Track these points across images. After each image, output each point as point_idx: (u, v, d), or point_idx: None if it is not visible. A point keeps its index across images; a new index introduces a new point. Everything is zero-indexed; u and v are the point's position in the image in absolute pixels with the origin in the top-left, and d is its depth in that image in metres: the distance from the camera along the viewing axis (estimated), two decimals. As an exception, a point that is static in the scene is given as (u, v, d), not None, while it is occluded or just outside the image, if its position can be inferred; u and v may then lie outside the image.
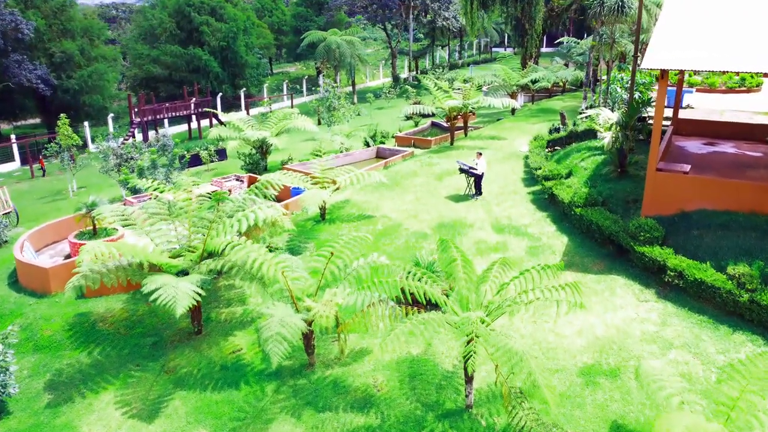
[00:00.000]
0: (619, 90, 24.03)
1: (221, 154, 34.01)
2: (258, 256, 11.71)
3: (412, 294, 10.49)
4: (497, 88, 34.85)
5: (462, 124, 30.91)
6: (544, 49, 50.20)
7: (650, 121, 20.04)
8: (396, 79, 66.28)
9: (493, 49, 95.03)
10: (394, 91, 57.23)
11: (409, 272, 10.83)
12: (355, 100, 58.94)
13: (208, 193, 16.26)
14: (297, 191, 21.99)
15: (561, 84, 43.65)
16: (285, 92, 63.25)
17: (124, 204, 21.86)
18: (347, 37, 57.64)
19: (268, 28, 77.45)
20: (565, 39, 50.75)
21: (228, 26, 56.98)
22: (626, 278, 14.61)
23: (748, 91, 33.23)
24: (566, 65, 49.28)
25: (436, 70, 58.72)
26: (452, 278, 11.55)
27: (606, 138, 17.32)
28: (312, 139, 37.05)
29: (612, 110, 22.82)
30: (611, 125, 18.08)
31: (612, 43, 23.19)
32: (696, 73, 36.90)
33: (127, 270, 13.02)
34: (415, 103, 40.77)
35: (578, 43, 49.18)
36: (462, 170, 20.95)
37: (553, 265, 10.78)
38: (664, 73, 14.42)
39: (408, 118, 40.21)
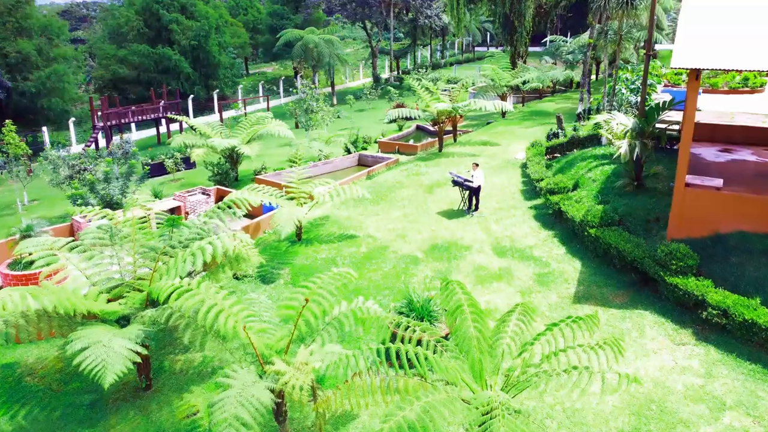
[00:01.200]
0: (624, 91, 22.05)
1: (189, 162, 31.40)
2: (214, 303, 9.35)
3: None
4: (486, 89, 32.76)
5: (451, 128, 28.74)
6: (531, 49, 48.28)
7: (671, 127, 18.02)
8: (377, 79, 64.02)
9: (476, 49, 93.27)
10: (376, 92, 54.96)
11: (405, 327, 8.54)
12: (335, 101, 56.58)
13: (164, 213, 13.77)
14: (270, 208, 19.62)
15: (551, 85, 41.79)
16: (261, 94, 60.63)
17: (72, 224, 19.27)
18: (325, 35, 55.25)
19: (242, 27, 74.65)
20: (553, 37, 48.99)
21: (199, 24, 54.23)
22: (655, 314, 12.50)
23: (752, 91, 31.62)
24: (554, 65, 47.45)
25: (419, 70, 56.57)
26: (453, 318, 9.29)
27: (622, 147, 15.23)
28: (288, 145, 34.60)
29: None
30: (626, 132, 16.00)
31: (619, 40, 21.25)
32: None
33: (53, 320, 10.55)
34: (398, 106, 38.60)
35: (567, 42, 47.45)
36: (456, 183, 18.76)
37: (587, 318, 8.58)
38: (697, 73, 12.34)
39: (392, 121, 38.03)
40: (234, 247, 11.97)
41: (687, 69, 12.25)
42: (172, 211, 21.38)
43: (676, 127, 19.34)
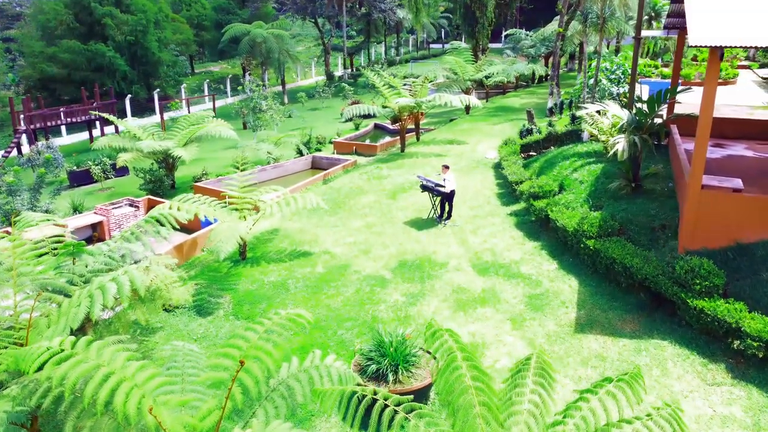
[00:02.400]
0: (605, 82, 20.17)
1: (122, 168, 28.12)
2: (110, 372, 6.65)
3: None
4: (450, 84, 30.58)
5: (413, 126, 26.42)
6: (490, 45, 46.47)
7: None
8: (330, 77, 61.32)
9: (431, 46, 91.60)
10: (329, 90, 52.28)
11: (382, 406, 6.03)
12: (286, 100, 53.62)
13: (57, 238, 10.83)
14: (209, 222, 16.83)
15: (514, 80, 40.04)
16: (206, 93, 57.12)
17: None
18: (274, 30, 52.19)
19: (186, 23, 70.67)
20: (513, 31, 47.33)
21: (136, 18, 50.38)
22: (677, 344, 10.37)
23: (725, 83, 30.59)
24: (516, 59, 45.74)
25: (374, 66, 54.17)
26: (447, 388, 6.84)
27: (619, 144, 13.13)
28: (234, 147, 31.64)
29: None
30: (621, 127, 13.93)
31: (602, 24, 19.34)
32: (666, 64, 33.99)
33: None
34: (353, 103, 36.12)
35: (528, 35, 45.86)
36: (425, 188, 16.39)
37: (629, 378, 6.27)
38: (719, 53, 10.27)
39: (348, 120, 35.53)
40: (151, 282, 9.26)
41: (707, 47, 10.18)
42: (93, 227, 18.33)
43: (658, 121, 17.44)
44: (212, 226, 15.57)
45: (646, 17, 33.96)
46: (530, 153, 21.00)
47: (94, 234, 17.98)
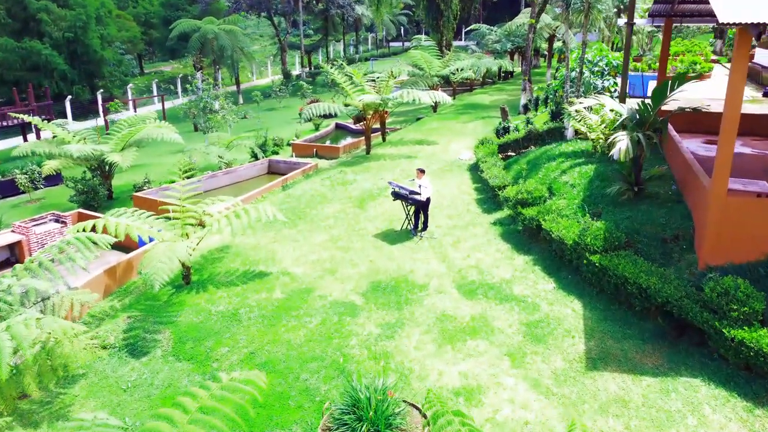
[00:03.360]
0: (587, 75, 18.59)
1: (54, 177, 25.26)
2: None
3: None
4: (415, 81, 28.72)
5: (378, 126, 24.45)
6: (453, 43, 44.86)
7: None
8: (287, 75, 58.78)
9: (391, 44, 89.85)
10: (286, 89, 49.85)
11: None
12: (241, 100, 51.06)
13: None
14: (145, 242, 14.49)
15: (481, 77, 38.52)
16: (155, 94, 53.94)
17: None
18: (227, 26, 49.50)
19: (133, 20, 67.01)
20: (477, 26, 45.85)
21: (74, 13, 46.81)
22: (711, 383, 8.65)
23: (701, 78, 29.58)
24: (482, 55, 44.28)
25: (333, 63, 51.97)
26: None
27: (621, 142, 11.41)
28: (182, 151, 29.12)
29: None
30: (619, 124, 12.24)
31: (587, 9, 17.65)
32: (638, 58, 32.86)
33: None
34: (312, 102, 33.92)
35: (492, 30, 44.48)
36: (397, 196, 14.41)
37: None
38: (755, 33, 8.59)
39: (307, 120, 33.31)
40: (47, 338, 7.01)
41: (738, 25, 8.50)
42: (11, 248, 15.74)
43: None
44: (149, 245, 13.26)
45: (615, 9, 32.89)
46: (508, 153, 19.28)
47: (11, 257, 15.42)
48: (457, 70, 32.02)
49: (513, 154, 19.33)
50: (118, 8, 65.71)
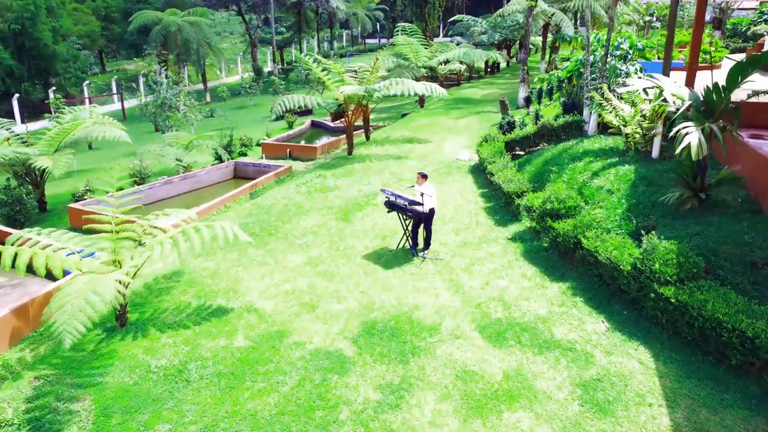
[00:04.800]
0: (610, 59, 15.98)
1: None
2: None
3: None
4: (401, 72, 25.88)
5: (362, 123, 21.60)
6: (435, 40, 42.16)
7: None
8: (258, 72, 55.50)
9: (367, 41, 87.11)
10: (257, 86, 46.64)
11: None
12: (208, 98, 47.75)
13: None
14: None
15: (470, 69, 35.96)
16: (114, 91, 50.29)
17: None
18: (191, 18, 46.13)
19: (91, 14, 63.02)
20: (460, 17, 43.22)
21: (21, 3, 43.01)
22: None
23: (711, 67, 27.43)
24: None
25: (309, 55, 48.87)
26: None
27: (690, 135, 8.73)
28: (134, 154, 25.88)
29: (610, 90, 14.63)
30: (680, 113, 9.55)
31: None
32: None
33: None
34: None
35: (477, 22, 41.93)
36: (393, 206, 11.54)
37: None
38: None
39: (279, 117, 30.36)
40: None
41: None
42: None
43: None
44: (66, 278, 10.20)
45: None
46: (516, 151, 16.56)
47: None
48: (446, 61, 29.26)
49: (521, 153, 16.63)
50: (75, 0, 61.76)
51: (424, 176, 11.32)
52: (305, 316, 9.91)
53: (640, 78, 12.24)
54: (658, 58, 25.97)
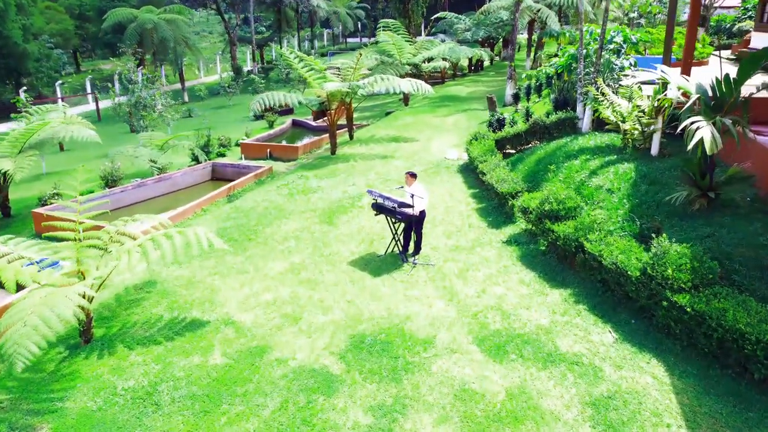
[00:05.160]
0: (604, 54, 15.41)
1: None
2: None
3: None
4: (384, 69, 25.15)
5: (345, 121, 20.85)
6: (420, 38, 41.50)
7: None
8: (238, 71, 54.41)
9: (348, 40, 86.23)
10: (237, 85, 45.63)
11: None
12: (186, 98, 46.65)
13: None
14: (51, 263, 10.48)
15: (452, 68, 35.35)
16: (89, 91, 48.92)
17: None
18: (168, 15, 44.98)
19: (64, 12, 61.40)
20: (443, 14, 42.65)
21: (-11, 0, 41.61)
22: None
23: (699, 63, 27.12)
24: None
25: (291, 51, 47.92)
26: None
27: (702, 130, 8.12)
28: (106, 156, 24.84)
29: (605, 85, 14.04)
30: (687, 107, 8.96)
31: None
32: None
33: None
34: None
35: (461, 19, 41.38)
36: (381, 209, 10.81)
37: None
38: None
39: (259, 116, 29.57)
40: None
41: None
42: None
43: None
44: (21, 294, 9.30)
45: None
46: (507, 149, 15.93)
47: None
48: (429, 59, 28.55)
49: (512, 151, 16.01)
50: (47, -1, 60.14)
51: (414, 176, 10.62)
52: (287, 329, 9.14)
53: (635, 72, 11.66)
54: (646, 54, 25.64)
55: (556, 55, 25.39)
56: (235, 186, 16.97)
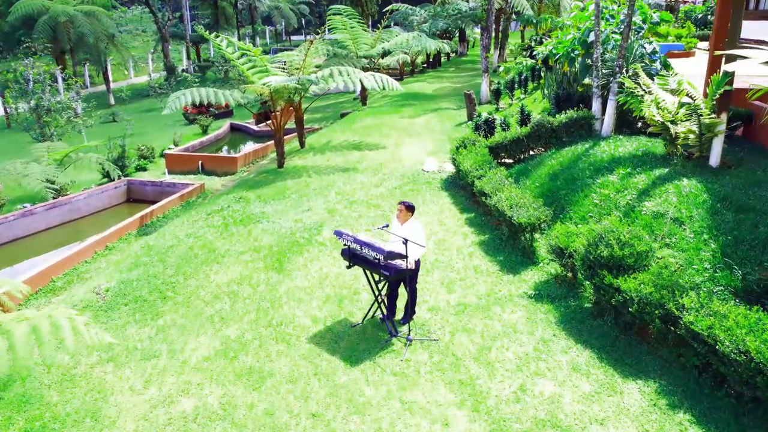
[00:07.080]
0: (616, 36, 12.43)
1: None
2: None
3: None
4: (338, 63, 21.63)
5: (295, 125, 17.30)
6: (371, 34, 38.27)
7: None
8: (171, 70, 49.73)
9: (292, 37, 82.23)
10: (169, 85, 41.19)
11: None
12: (112, 100, 41.83)
13: None
14: None
15: (410, 63, 32.23)
16: (-4, 95, 43.35)
17: None
18: (85, 7, 40.16)
19: (-31, 6, 55.18)
20: (396, 6, 39.45)
21: None
22: None
23: (687, 54, 24.97)
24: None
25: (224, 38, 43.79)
26: None
27: None
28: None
29: (614, 77, 11.03)
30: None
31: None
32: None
33: None
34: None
35: (416, 11, 38.36)
36: (355, 259, 7.31)
37: None
38: None
39: (191, 121, 25.76)
40: None
41: None
42: None
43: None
44: None
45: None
46: (502, 157, 12.73)
47: None
48: (388, 52, 25.22)
49: (509, 160, 12.81)
50: (-51, -9, 53.78)
51: (411, 209, 7.21)
52: (216, 473, 5.60)
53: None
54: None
55: (539, 44, 22.46)
56: (152, 212, 13.20)
